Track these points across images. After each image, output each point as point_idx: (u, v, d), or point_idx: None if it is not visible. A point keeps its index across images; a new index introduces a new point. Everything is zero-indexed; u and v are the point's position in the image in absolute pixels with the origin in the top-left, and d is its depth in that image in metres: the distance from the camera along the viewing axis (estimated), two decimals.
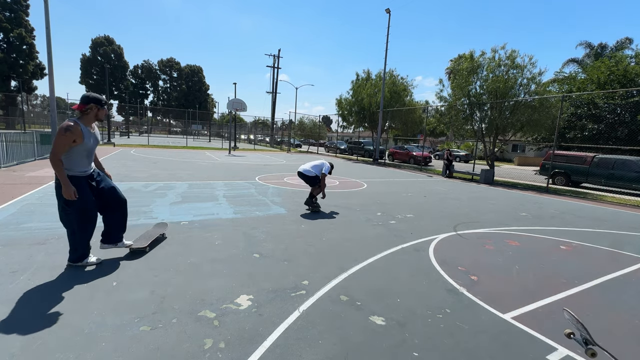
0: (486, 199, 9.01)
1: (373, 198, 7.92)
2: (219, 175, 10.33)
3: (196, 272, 3.18)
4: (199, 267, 3.30)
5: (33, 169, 9.15)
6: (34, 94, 53.36)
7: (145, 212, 5.21)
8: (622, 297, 3.25)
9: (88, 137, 2.97)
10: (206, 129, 55.18)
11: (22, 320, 2.24)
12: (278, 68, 34.79)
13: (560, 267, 3.99)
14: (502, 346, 2.31)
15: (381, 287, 3.11)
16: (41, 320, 2.26)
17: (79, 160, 2.96)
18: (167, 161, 13.68)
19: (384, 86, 19.69)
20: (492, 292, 3.16)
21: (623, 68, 18.10)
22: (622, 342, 2.47)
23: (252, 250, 3.86)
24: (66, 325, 2.21)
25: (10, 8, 40.30)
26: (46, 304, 2.46)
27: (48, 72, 12.58)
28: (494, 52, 13.49)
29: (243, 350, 2.08)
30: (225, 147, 25.77)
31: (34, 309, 2.38)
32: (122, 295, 2.66)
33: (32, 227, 4.16)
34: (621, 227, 6.36)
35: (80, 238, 3.04)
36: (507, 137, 14.87)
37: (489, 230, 5.48)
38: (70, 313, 2.36)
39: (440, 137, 44.63)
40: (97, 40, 57.87)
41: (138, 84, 65.03)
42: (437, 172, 16.72)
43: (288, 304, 2.68)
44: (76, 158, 2.94)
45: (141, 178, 8.66)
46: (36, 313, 2.34)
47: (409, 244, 4.47)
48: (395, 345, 2.24)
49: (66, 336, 2.10)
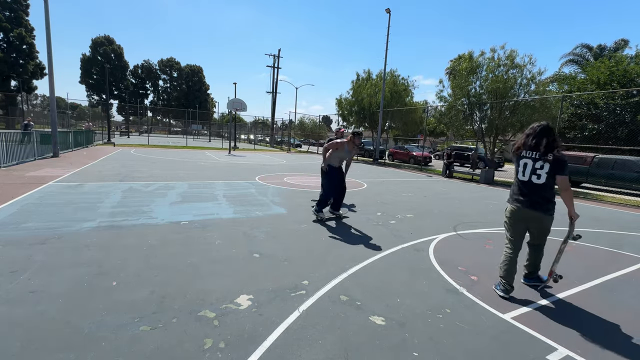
0: (486, 199, 9.01)
1: (373, 198, 7.92)
2: (219, 175, 10.33)
3: (196, 272, 3.18)
4: (199, 267, 3.30)
5: (33, 169, 9.15)
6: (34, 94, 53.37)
7: (145, 212, 5.21)
8: (622, 297, 3.26)
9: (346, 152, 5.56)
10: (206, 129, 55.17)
11: (22, 320, 2.24)
12: (278, 68, 34.79)
13: (561, 267, 3.99)
14: (502, 346, 2.31)
15: (381, 287, 3.11)
16: (41, 320, 2.26)
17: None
18: (167, 161, 13.68)
19: (384, 86, 19.68)
20: (492, 292, 3.16)
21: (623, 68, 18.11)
22: (622, 342, 2.47)
23: (252, 250, 3.86)
24: (66, 325, 2.21)
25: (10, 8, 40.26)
26: (46, 304, 2.46)
27: (48, 72, 12.59)
28: (493, 51, 13.50)
29: (243, 350, 2.08)
30: (225, 147, 25.76)
31: (33, 309, 2.38)
32: (122, 295, 2.66)
33: (32, 227, 4.17)
34: (621, 227, 6.36)
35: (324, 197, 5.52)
36: (507, 137, 14.87)
37: (489, 230, 5.48)
38: (70, 313, 2.36)
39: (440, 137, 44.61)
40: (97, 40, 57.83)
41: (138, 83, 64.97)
42: (437, 172, 16.72)
43: (288, 304, 2.69)
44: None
45: (141, 178, 8.66)
46: (36, 313, 2.34)
47: (409, 244, 4.47)
48: (395, 345, 2.24)
49: (66, 336, 2.10)
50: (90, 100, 57.93)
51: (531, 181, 3.00)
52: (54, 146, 12.80)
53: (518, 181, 3.12)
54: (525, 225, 3.17)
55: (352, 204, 6.96)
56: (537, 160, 2.96)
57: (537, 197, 3.01)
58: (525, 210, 3.06)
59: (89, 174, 8.79)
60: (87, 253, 3.46)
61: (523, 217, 3.11)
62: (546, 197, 3.00)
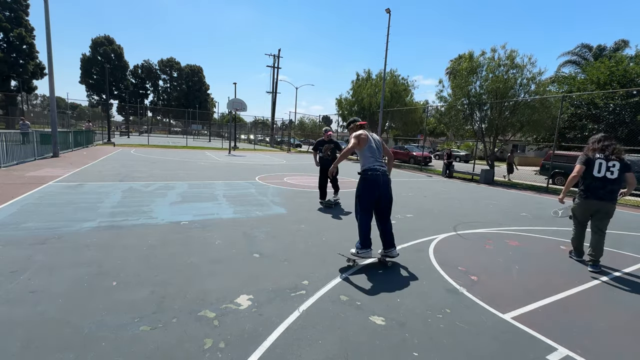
0: (486, 199, 9.01)
1: None
2: (219, 175, 10.33)
3: (196, 272, 3.18)
4: (199, 267, 3.30)
5: (33, 169, 9.15)
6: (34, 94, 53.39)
7: (145, 212, 5.21)
8: (622, 297, 3.26)
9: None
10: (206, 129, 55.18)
11: (22, 320, 2.24)
12: (278, 68, 34.77)
13: (560, 267, 3.99)
14: (502, 346, 2.31)
15: (381, 287, 3.11)
16: (41, 320, 2.26)
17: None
18: (167, 161, 13.68)
19: (384, 86, 19.68)
20: (492, 292, 3.16)
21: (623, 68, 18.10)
22: (622, 342, 2.47)
23: (252, 250, 3.86)
24: (66, 325, 2.21)
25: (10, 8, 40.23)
26: (46, 304, 2.46)
27: (48, 72, 12.59)
28: (493, 51, 13.50)
29: (243, 350, 2.08)
30: (225, 147, 25.75)
31: (33, 309, 2.38)
32: (122, 295, 2.66)
33: (32, 227, 4.17)
34: (621, 227, 6.36)
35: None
36: (507, 137, 14.86)
37: (489, 230, 5.48)
38: (70, 313, 2.36)
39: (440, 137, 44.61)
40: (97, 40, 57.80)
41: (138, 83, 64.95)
42: (437, 172, 16.72)
43: (288, 304, 2.68)
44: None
45: (141, 178, 8.65)
46: (36, 313, 2.34)
47: (409, 244, 4.47)
48: (395, 345, 2.24)
49: (66, 336, 2.10)
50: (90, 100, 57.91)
51: (606, 177, 3.82)
52: (54, 146, 12.80)
53: (592, 178, 3.89)
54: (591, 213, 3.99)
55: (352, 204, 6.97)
56: (609, 160, 3.84)
57: (609, 189, 3.83)
58: (596, 201, 3.89)
59: (89, 174, 8.79)
60: (87, 253, 3.46)
61: (595, 207, 3.92)
62: (615, 189, 3.84)
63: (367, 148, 3.60)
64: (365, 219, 3.59)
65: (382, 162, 3.64)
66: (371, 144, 3.64)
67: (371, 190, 3.53)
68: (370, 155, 3.59)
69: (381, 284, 3.18)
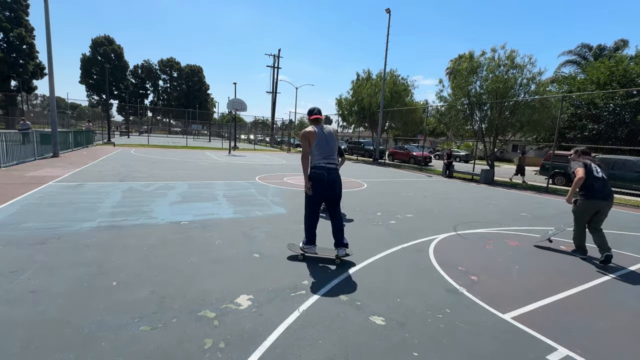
0: (486, 199, 9.01)
1: (373, 198, 7.92)
2: (219, 175, 10.33)
3: (196, 272, 3.18)
4: (199, 267, 3.30)
5: (33, 169, 9.15)
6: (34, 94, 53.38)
7: (145, 212, 5.21)
8: (622, 297, 3.26)
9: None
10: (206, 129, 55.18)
11: (22, 320, 2.24)
12: (278, 68, 34.77)
13: (560, 267, 3.99)
14: (502, 346, 2.31)
15: (381, 287, 3.11)
16: (41, 320, 2.26)
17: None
18: (167, 161, 13.68)
19: (384, 86, 19.68)
20: (492, 292, 3.16)
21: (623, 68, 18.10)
22: (622, 342, 2.47)
23: (252, 250, 3.86)
24: (66, 325, 2.21)
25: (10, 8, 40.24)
26: (46, 304, 2.46)
27: (48, 72, 12.59)
28: (493, 51, 13.49)
29: (243, 350, 2.08)
30: (225, 147, 25.76)
31: (33, 309, 2.38)
32: (122, 295, 2.66)
33: (32, 227, 4.16)
34: (621, 227, 6.36)
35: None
36: (507, 137, 14.86)
37: (489, 230, 5.48)
38: (70, 313, 2.36)
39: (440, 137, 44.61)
40: (97, 40, 57.79)
41: (138, 83, 64.94)
42: (437, 172, 16.72)
43: (288, 304, 2.68)
44: None
45: (141, 178, 8.65)
46: (36, 313, 2.34)
47: (409, 244, 4.47)
48: (395, 345, 2.24)
49: (66, 336, 2.10)
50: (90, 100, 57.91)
51: (603, 177, 4.22)
52: (54, 146, 12.80)
53: (594, 178, 4.19)
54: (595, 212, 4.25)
55: (352, 204, 6.96)
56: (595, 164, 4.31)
57: (609, 189, 4.21)
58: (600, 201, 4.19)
59: (89, 174, 8.78)
60: (87, 253, 3.46)
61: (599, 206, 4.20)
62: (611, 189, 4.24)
63: (314, 145, 3.45)
64: (311, 217, 3.61)
65: (331, 159, 3.48)
66: (320, 139, 3.45)
67: (316, 189, 3.47)
68: (318, 152, 3.46)
69: (381, 284, 3.18)
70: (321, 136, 3.47)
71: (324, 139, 3.48)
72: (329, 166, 3.45)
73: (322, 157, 3.46)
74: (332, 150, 3.50)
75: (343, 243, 3.61)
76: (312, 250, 3.67)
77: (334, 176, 3.49)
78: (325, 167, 3.44)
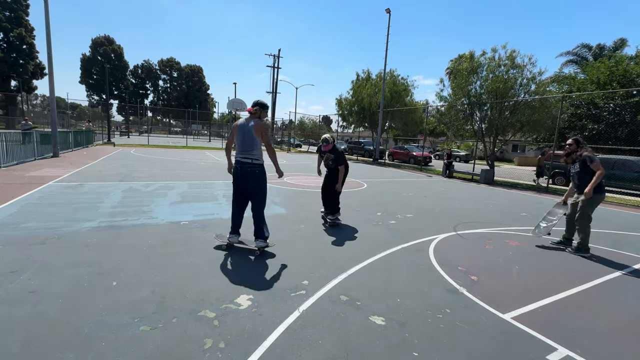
0: (486, 199, 9.01)
1: (373, 198, 7.92)
2: (219, 175, 10.33)
3: (196, 272, 3.18)
4: (199, 267, 3.30)
5: (33, 169, 9.15)
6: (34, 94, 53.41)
7: (145, 212, 5.21)
8: (622, 297, 3.26)
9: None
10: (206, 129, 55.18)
11: (22, 320, 2.24)
12: (278, 68, 34.77)
13: (560, 267, 3.99)
14: (502, 346, 2.31)
15: (381, 287, 3.11)
16: (41, 320, 2.25)
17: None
18: (167, 161, 13.68)
19: (384, 86, 19.68)
20: (492, 292, 3.16)
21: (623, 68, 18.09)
22: (622, 342, 2.47)
23: (252, 250, 3.86)
24: (66, 325, 2.21)
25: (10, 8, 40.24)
26: (46, 304, 2.46)
27: (48, 72, 12.59)
28: (494, 51, 13.49)
29: (243, 350, 2.08)
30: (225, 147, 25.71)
31: (33, 309, 2.38)
32: (122, 295, 2.66)
33: (32, 227, 4.16)
34: (621, 227, 6.36)
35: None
36: (507, 137, 14.85)
37: (489, 230, 5.48)
38: (70, 313, 2.36)
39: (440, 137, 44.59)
40: (97, 40, 57.79)
41: (138, 83, 64.94)
42: (437, 172, 16.72)
43: (288, 304, 2.68)
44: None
45: (141, 178, 8.65)
46: (36, 313, 2.34)
47: (409, 244, 4.47)
48: (395, 345, 2.24)
49: (66, 336, 2.10)
50: (90, 100, 57.91)
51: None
52: (54, 146, 12.80)
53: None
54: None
55: (352, 204, 6.95)
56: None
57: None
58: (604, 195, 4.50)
59: (89, 174, 8.78)
60: (87, 253, 3.46)
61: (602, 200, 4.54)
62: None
63: (235, 139, 3.69)
64: (233, 208, 3.85)
65: (246, 153, 3.60)
66: (238, 134, 3.64)
67: (233, 180, 3.74)
68: (236, 146, 3.70)
69: (381, 284, 3.18)
70: (240, 130, 3.63)
71: (241, 134, 3.62)
72: (243, 160, 3.61)
73: (238, 150, 3.67)
74: (246, 145, 3.60)
75: (261, 235, 3.75)
76: (233, 239, 3.85)
77: (246, 170, 3.61)
78: (240, 160, 3.63)
